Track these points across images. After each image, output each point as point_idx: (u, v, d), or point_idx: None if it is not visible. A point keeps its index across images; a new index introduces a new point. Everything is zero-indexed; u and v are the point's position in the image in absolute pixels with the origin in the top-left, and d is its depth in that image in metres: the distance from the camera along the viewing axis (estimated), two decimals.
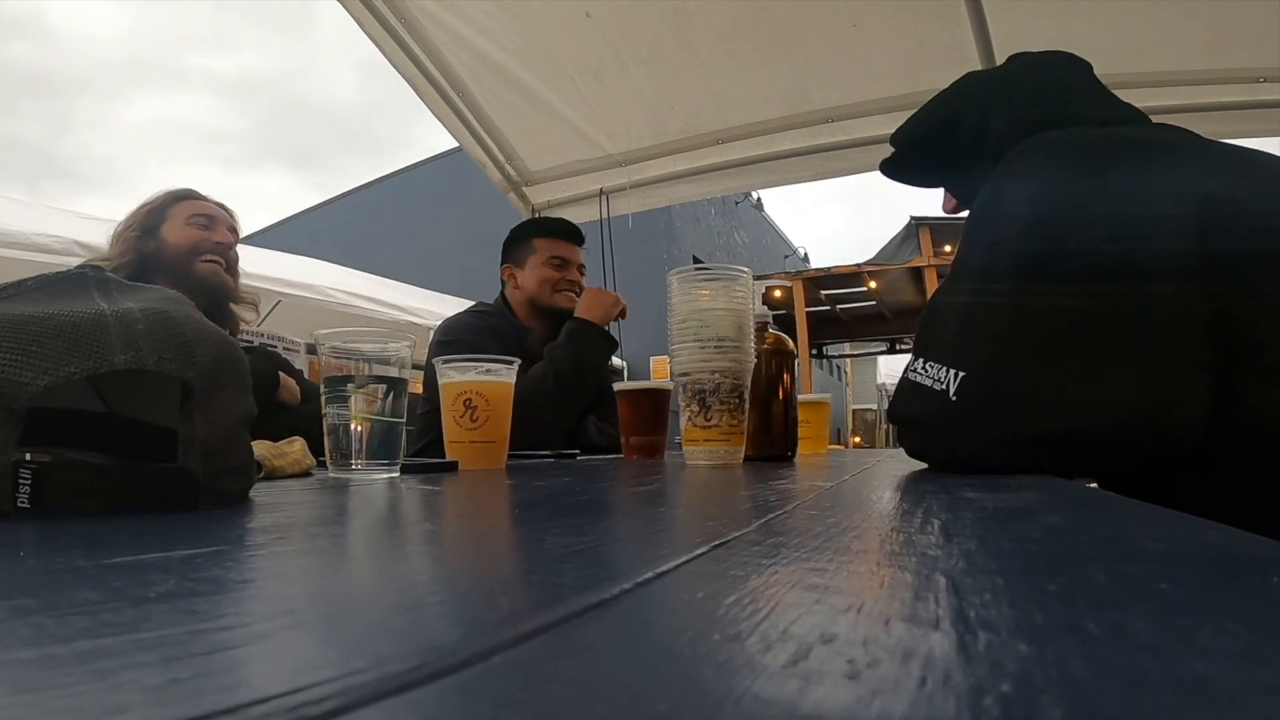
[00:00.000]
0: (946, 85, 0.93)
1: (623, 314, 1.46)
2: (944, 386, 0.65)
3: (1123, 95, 0.83)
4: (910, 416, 0.72)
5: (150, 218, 1.33)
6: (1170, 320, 0.59)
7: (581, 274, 1.57)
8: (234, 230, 1.41)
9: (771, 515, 0.34)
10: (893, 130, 1.03)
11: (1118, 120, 0.79)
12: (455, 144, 2.17)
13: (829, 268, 7.14)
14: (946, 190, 0.98)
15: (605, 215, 2.30)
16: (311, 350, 1.67)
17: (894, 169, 1.03)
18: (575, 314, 1.41)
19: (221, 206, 1.42)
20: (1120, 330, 0.59)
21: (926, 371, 0.68)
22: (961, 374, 0.64)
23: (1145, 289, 0.59)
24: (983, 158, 0.82)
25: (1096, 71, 0.85)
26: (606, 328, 1.42)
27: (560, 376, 1.33)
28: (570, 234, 1.58)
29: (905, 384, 0.72)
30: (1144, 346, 0.59)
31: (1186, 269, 0.59)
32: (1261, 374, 0.58)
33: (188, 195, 1.38)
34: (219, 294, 1.32)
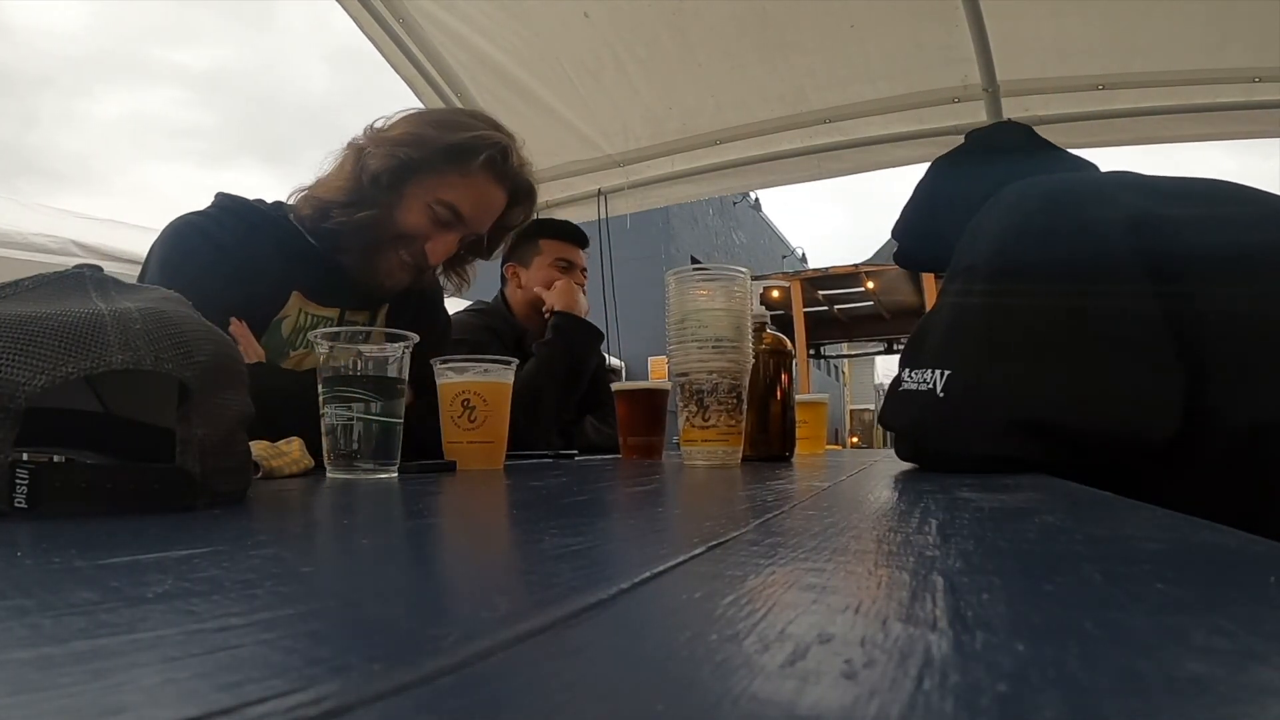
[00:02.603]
0: (944, 86, 0.97)
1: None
2: (930, 386, 0.69)
3: (1119, 95, 0.86)
4: (901, 420, 0.75)
5: (425, 147, 0.95)
6: (1127, 320, 0.63)
7: (584, 277, 1.59)
8: (477, 232, 1.02)
9: (769, 515, 0.34)
10: (890, 130, 1.07)
11: (1072, 169, 0.89)
12: None
13: (827, 268, 7.15)
14: None
15: (603, 215, 2.30)
16: None
17: (908, 261, 1.10)
18: (556, 308, 1.43)
19: (517, 180, 1.03)
20: (1086, 329, 0.64)
21: (913, 378, 0.72)
22: (947, 373, 0.68)
23: (1101, 292, 0.65)
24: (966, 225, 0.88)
25: (1093, 71, 0.90)
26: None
27: (552, 372, 1.34)
28: (577, 237, 1.61)
29: (895, 394, 0.76)
30: (1107, 344, 0.63)
31: (1130, 274, 0.64)
32: (1219, 375, 0.61)
33: (486, 150, 0.97)
34: (380, 297, 1.05)
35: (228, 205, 1.00)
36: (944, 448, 0.69)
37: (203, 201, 1.03)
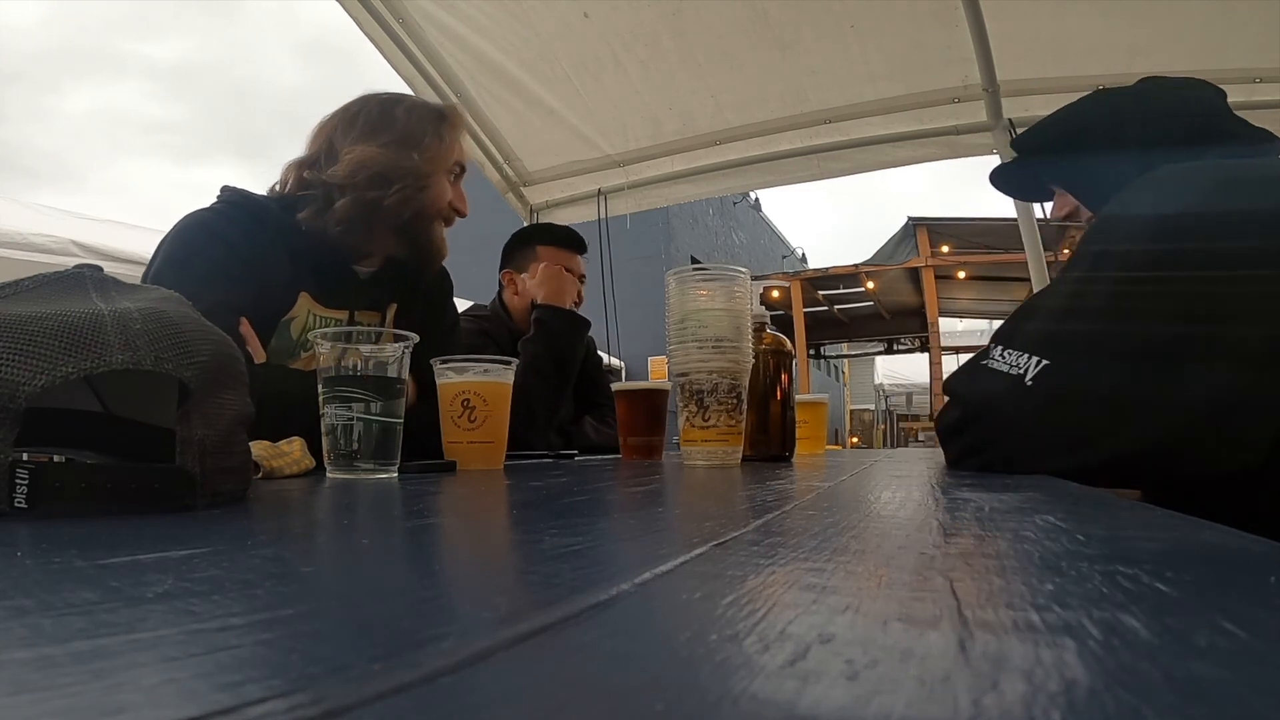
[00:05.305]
0: (944, 86, 0.93)
1: (578, 300, 1.47)
2: (1020, 372, 0.64)
3: None
4: (968, 390, 0.70)
5: (420, 136, 1.03)
6: (1268, 339, 0.57)
7: (582, 283, 1.57)
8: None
9: (769, 515, 0.34)
10: (889, 131, 1.03)
11: (1255, 140, 0.78)
12: None
13: (826, 268, 7.16)
14: (1061, 195, 0.95)
15: (603, 215, 2.31)
16: None
17: (1005, 178, 1.02)
18: (538, 300, 1.40)
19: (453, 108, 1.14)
20: (1227, 336, 0.58)
21: (1004, 358, 0.67)
22: (1044, 363, 0.63)
23: (1248, 309, 0.58)
24: (1113, 169, 0.82)
25: (1093, 71, 0.86)
26: (572, 308, 1.42)
27: (539, 369, 1.32)
28: (575, 243, 1.57)
29: (974, 366, 0.70)
30: (1233, 361, 0.58)
31: None
32: None
33: (457, 121, 1.09)
34: (429, 263, 1.11)
35: (236, 200, 0.99)
36: (1010, 440, 0.63)
37: (184, 198, 1.04)
